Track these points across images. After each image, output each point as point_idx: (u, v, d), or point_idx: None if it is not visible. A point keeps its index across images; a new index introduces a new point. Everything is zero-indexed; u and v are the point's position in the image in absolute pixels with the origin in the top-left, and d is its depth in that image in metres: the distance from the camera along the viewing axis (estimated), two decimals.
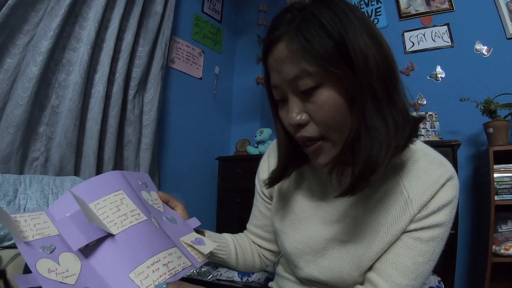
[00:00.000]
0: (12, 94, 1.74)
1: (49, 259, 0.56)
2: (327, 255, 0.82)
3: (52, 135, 1.93)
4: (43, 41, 1.81)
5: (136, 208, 0.72)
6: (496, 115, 2.13)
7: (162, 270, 0.62)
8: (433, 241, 0.69)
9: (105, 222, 0.65)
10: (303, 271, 0.86)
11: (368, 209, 0.76)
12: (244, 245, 1.02)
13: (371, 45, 0.62)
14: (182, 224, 0.84)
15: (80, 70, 1.97)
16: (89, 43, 2.00)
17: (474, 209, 2.43)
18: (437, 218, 0.69)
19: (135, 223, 0.68)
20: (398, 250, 0.71)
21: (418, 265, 0.69)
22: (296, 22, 0.64)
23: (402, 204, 0.71)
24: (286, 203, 0.93)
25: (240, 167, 3.00)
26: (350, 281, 0.79)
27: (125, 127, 2.37)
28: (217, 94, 3.44)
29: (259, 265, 1.05)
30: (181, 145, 2.99)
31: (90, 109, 2.09)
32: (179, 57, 2.99)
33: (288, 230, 0.90)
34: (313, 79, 0.63)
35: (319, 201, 0.86)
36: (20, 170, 1.79)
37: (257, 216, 1.04)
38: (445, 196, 0.69)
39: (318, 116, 0.65)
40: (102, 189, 0.72)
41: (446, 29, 2.71)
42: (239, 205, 2.92)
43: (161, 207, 0.84)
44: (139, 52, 2.45)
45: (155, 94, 2.56)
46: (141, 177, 0.86)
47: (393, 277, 0.70)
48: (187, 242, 0.77)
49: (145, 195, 0.81)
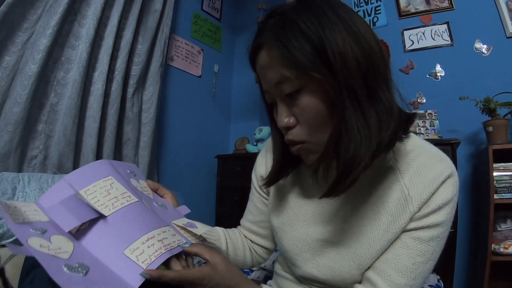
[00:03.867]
0: (11, 92, 1.74)
1: (40, 238, 0.54)
2: (326, 254, 0.81)
3: (51, 133, 1.93)
4: (41, 39, 1.81)
5: (127, 191, 0.72)
6: (495, 114, 2.13)
7: (157, 245, 0.62)
8: (433, 240, 0.69)
9: (97, 205, 0.65)
10: (302, 269, 0.86)
11: (367, 207, 0.75)
12: (236, 240, 1.01)
13: (350, 42, 0.61)
14: (172, 210, 0.84)
15: (79, 68, 1.97)
16: (88, 41, 2.00)
17: (474, 207, 2.42)
18: (437, 217, 0.68)
19: (126, 204, 0.68)
20: (397, 250, 0.71)
21: (417, 265, 0.69)
22: (276, 29, 0.65)
23: (402, 201, 0.71)
24: (284, 200, 0.93)
25: (239, 165, 2.99)
26: (350, 279, 0.78)
27: (124, 125, 2.37)
28: (216, 92, 3.44)
29: (250, 262, 1.03)
30: (180, 143, 2.99)
31: (89, 107, 2.09)
32: (178, 55, 2.99)
33: (285, 228, 0.90)
34: (293, 84, 0.65)
35: (316, 199, 0.85)
36: (18, 168, 1.78)
37: (253, 211, 1.03)
38: (446, 194, 0.68)
39: (302, 119, 0.67)
40: (91, 177, 0.72)
41: (445, 28, 2.71)
42: (238, 203, 2.90)
43: (151, 194, 0.84)
44: (138, 50, 2.44)
45: (154, 92, 2.56)
46: (129, 167, 0.87)
47: (392, 276, 0.70)
48: (179, 224, 0.77)
49: (134, 182, 0.81)
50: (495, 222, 2.05)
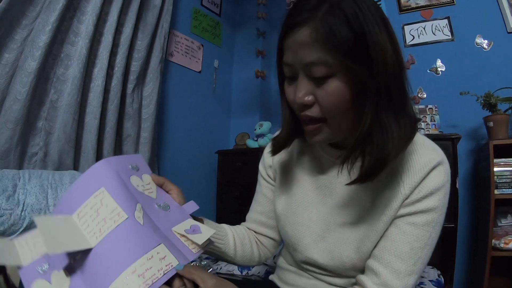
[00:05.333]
0: (11, 89, 1.73)
1: (43, 279, 0.60)
2: (327, 238, 0.85)
3: (51, 130, 1.93)
4: (41, 36, 1.80)
5: (117, 206, 0.66)
6: (496, 109, 2.13)
7: (137, 283, 0.57)
8: (428, 225, 0.72)
9: (86, 232, 0.64)
10: (303, 254, 0.89)
11: (367, 193, 0.79)
12: (243, 236, 1.02)
13: (389, 43, 0.65)
14: (176, 211, 0.79)
15: (78, 64, 1.96)
16: (88, 37, 1.99)
17: (474, 203, 2.43)
18: (430, 202, 0.72)
19: (113, 227, 0.63)
20: (394, 236, 0.74)
21: (415, 250, 0.72)
22: (322, 11, 0.64)
23: (395, 186, 0.74)
24: (288, 187, 0.96)
25: (239, 160, 2.99)
26: (349, 264, 0.81)
27: (124, 121, 2.36)
28: (216, 87, 3.43)
29: (257, 258, 1.04)
30: (180, 139, 2.98)
31: (89, 103, 2.09)
32: (178, 51, 2.98)
33: (289, 214, 0.93)
34: (328, 68, 0.65)
35: (321, 185, 0.89)
36: (19, 165, 1.78)
37: (261, 202, 1.04)
38: (436, 180, 0.72)
39: (324, 103, 0.68)
40: (84, 193, 0.69)
41: (446, 23, 2.70)
42: (239, 199, 2.91)
43: (154, 193, 0.80)
44: (137, 46, 2.43)
45: (154, 87, 2.55)
46: (133, 160, 0.82)
47: (392, 263, 0.72)
48: (180, 232, 0.73)
49: (134, 180, 0.76)
50: (496, 217, 2.05)
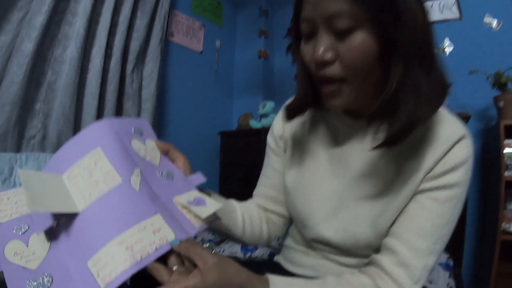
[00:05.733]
0: (7, 72, 1.71)
1: (19, 241, 0.54)
2: (341, 214, 0.80)
3: (49, 112, 1.91)
4: (37, 17, 1.76)
5: (112, 168, 0.61)
6: (506, 88, 2.07)
7: (123, 255, 0.51)
8: (451, 201, 0.68)
9: (74, 195, 0.59)
10: (313, 231, 0.84)
11: (387, 165, 0.74)
12: (252, 213, 0.95)
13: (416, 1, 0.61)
14: (180, 181, 0.74)
15: (76, 44, 1.93)
16: (85, 17, 1.95)
17: (483, 185, 2.39)
18: (453, 177, 0.68)
19: (104, 191, 0.58)
20: (415, 212, 0.70)
21: (436, 227, 0.68)
22: None
23: (418, 158, 0.70)
24: (300, 159, 0.90)
25: (242, 141, 2.96)
26: (363, 242, 0.77)
27: (124, 102, 2.34)
28: (218, 68, 3.38)
29: (266, 236, 0.97)
30: (181, 121, 2.95)
31: (88, 84, 2.06)
32: (178, 31, 2.93)
33: (299, 187, 0.87)
34: (353, 20, 0.60)
35: (335, 157, 0.83)
36: (17, 148, 1.77)
37: (270, 175, 0.98)
38: (460, 155, 0.68)
39: (347, 58, 0.63)
40: (78, 152, 0.65)
41: (454, 1, 2.62)
42: (242, 180, 2.90)
43: (157, 159, 0.74)
44: (137, 25, 2.39)
45: (154, 68, 2.51)
46: (137, 124, 0.77)
47: (412, 241, 0.68)
48: (182, 202, 0.66)
49: (136, 145, 0.71)
50: (506, 200, 2.00)
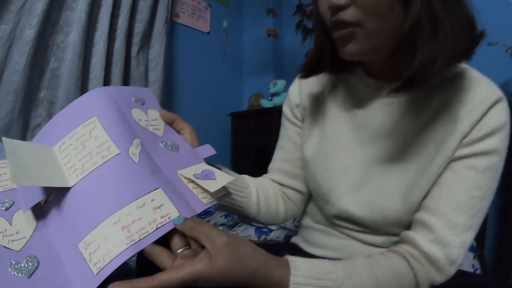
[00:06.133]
0: (9, 61, 1.73)
1: (2, 218, 0.50)
2: (366, 187, 0.74)
3: (54, 99, 1.92)
4: (37, 3, 1.76)
5: (108, 139, 0.55)
6: None
7: (118, 237, 0.46)
8: (490, 171, 0.63)
9: (66, 168, 0.54)
10: (335, 206, 0.78)
11: (414, 129, 0.69)
12: (267, 190, 0.87)
13: None
14: (187, 152, 0.67)
15: (78, 29, 1.92)
16: (86, 1, 1.94)
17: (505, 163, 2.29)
18: (491, 142, 0.62)
19: (99, 164, 0.53)
20: (451, 183, 0.64)
21: (475, 200, 0.62)
22: None
23: (451, 123, 0.64)
24: (320, 126, 0.84)
25: (254, 122, 2.91)
26: (392, 217, 0.71)
27: (130, 85, 2.32)
28: (226, 48, 3.33)
29: (283, 215, 0.90)
30: (190, 103, 2.94)
31: (92, 68, 2.06)
32: (184, 12, 2.88)
33: (320, 158, 0.81)
34: None
35: (359, 123, 0.77)
36: (22, 138, 1.80)
37: (287, 148, 0.91)
38: (498, 118, 0.62)
39: (362, 1, 0.56)
40: (71, 122, 0.59)
41: None
42: (254, 162, 2.86)
43: (160, 130, 0.67)
44: (140, 7, 2.35)
45: (160, 50, 2.48)
46: (138, 93, 0.70)
47: (448, 214, 0.63)
48: (188, 176, 0.59)
49: (136, 114, 0.65)
50: None
